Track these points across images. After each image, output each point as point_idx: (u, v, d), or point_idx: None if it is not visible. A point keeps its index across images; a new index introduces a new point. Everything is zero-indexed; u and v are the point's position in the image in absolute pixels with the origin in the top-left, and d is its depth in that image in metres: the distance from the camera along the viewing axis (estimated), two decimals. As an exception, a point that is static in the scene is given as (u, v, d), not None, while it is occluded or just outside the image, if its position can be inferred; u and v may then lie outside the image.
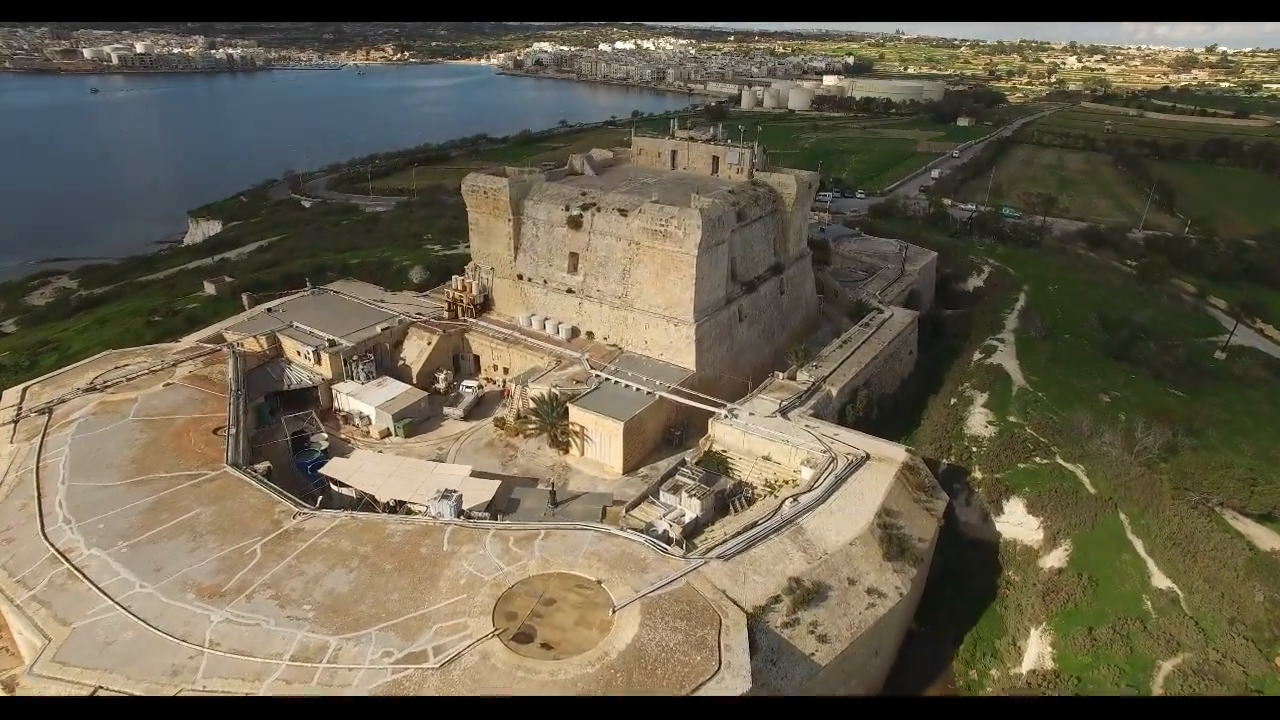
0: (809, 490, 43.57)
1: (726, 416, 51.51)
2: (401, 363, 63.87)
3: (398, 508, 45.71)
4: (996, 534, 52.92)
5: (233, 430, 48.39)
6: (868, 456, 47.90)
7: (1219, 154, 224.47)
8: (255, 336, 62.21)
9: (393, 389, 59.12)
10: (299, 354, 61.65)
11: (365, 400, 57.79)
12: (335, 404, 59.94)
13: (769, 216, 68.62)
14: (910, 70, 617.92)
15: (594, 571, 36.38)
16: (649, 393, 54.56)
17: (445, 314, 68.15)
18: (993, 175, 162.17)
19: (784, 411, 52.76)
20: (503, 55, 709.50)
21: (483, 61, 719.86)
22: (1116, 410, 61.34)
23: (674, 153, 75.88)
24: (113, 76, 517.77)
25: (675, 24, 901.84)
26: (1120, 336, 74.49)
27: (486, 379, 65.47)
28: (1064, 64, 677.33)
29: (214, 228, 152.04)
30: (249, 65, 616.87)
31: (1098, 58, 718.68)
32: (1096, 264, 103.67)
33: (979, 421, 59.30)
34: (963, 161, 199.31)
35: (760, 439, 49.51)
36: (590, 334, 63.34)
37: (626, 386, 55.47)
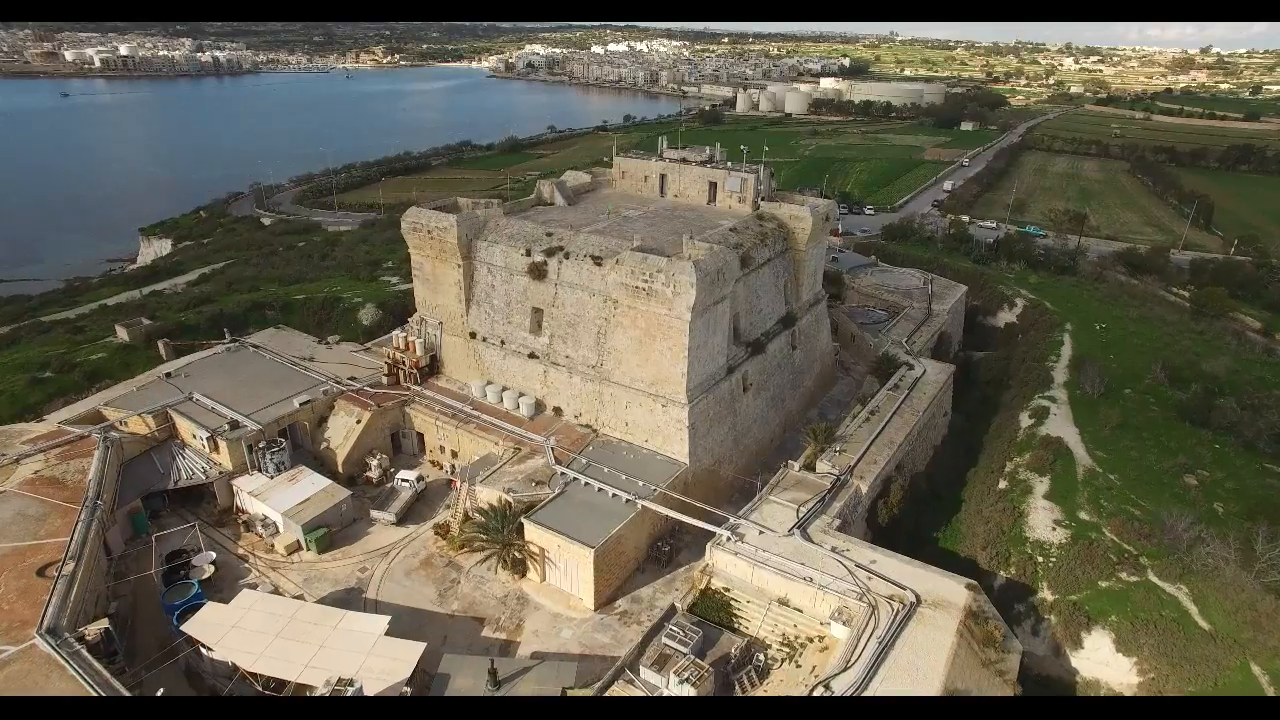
0: (844, 669, 31.40)
1: (730, 539, 39.12)
2: (325, 445, 51.34)
3: (282, 688, 33.46)
4: (1073, 671, 42.37)
5: (68, 569, 36.03)
6: (918, 600, 35.77)
7: (1241, 160, 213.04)
8: (141, 415, 49.76)
9: (308, 486, 46.63)
10: (194, 438, 49.28)
11: (271, 502, 45.32)
12: (237, 502, 47.58)
13: (778, 258, 56.20)
14: (907, 72, 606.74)
15: None
16: (629, 499, 42.11)
17: (385, 377, 55.85)
18: (1014, 190, 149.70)
19: (803, 525, 40.51)
20: (494, 58, 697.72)
21: (474, 64, 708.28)
22: (1210, 498, 49.61)
23: (663, 176, 63.71)
24: (94, 79, 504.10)
25: (669, 25, 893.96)
26: (1194, 393, 62.56)
27: (432, 462, 53.12)
28: (1061, 65, 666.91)
29: (165, 247, 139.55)
30: (235, 68, 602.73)
31: (1094, 59, 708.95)
32: (1143, 294, 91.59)
33: (1043, 521, 47.56)
34: (975, 171, 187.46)
35: (774, 574, 37.19)
36: (558, 410, 50.75)
37: (600, 490, 42.96)
